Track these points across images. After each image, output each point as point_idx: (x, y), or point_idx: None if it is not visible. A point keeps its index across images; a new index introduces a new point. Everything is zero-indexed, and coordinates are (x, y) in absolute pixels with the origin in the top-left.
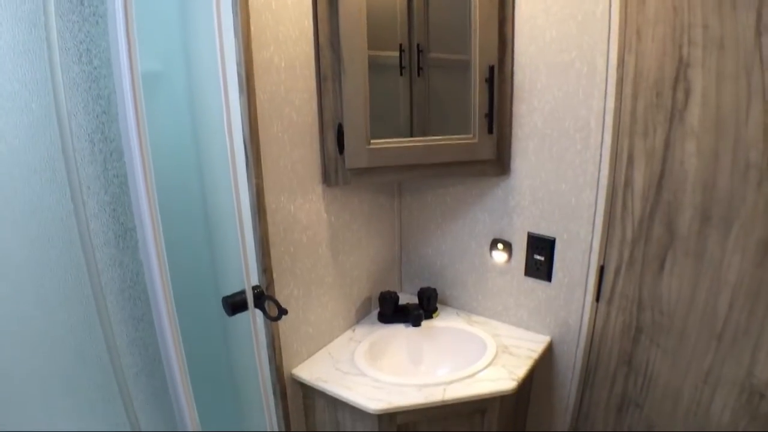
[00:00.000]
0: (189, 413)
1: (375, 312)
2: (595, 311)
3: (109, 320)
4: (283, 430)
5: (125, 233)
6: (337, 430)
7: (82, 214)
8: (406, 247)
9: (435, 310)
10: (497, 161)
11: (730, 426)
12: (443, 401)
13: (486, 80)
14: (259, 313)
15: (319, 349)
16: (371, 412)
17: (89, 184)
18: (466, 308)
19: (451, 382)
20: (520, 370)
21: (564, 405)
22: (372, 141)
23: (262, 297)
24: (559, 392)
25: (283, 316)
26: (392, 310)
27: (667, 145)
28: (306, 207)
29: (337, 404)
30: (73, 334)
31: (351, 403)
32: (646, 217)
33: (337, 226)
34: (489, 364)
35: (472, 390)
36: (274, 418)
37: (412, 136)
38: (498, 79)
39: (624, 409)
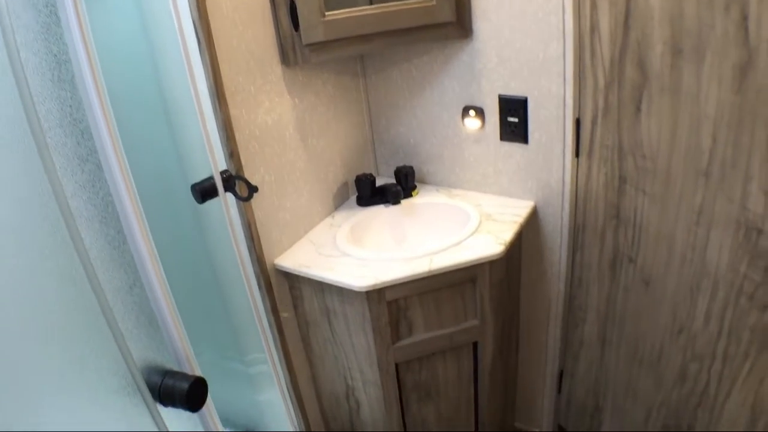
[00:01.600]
0: (170, 315)
1: (353, 197)
2: (577, 167)
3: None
4: (273, 323)
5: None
6: (328, 318)
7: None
8: (377, 128)
9: (414, 188)
10: (458, 23)
11: (729, 269)
12: (430, 271)
13: None
14: (232, 201)
15: (300, 237)
16: (358, 290)
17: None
18: (445, 183)
19: (436, 252)
20: (506, 235)
21: (556, 270)
22: (327, 13)
23: (231, 179)
24: (549, 257)
25: (258, 202)
26: (370, 192)
27: None
28: (267, 89)
29: (324, 289)
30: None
31: (337, 284)
32: (616, 61)
33: (302, 109)
34: (474, 233)
35: (459, 258)
36: (262, 312)
37: (370, 4)
38: None
39: (617, 265)
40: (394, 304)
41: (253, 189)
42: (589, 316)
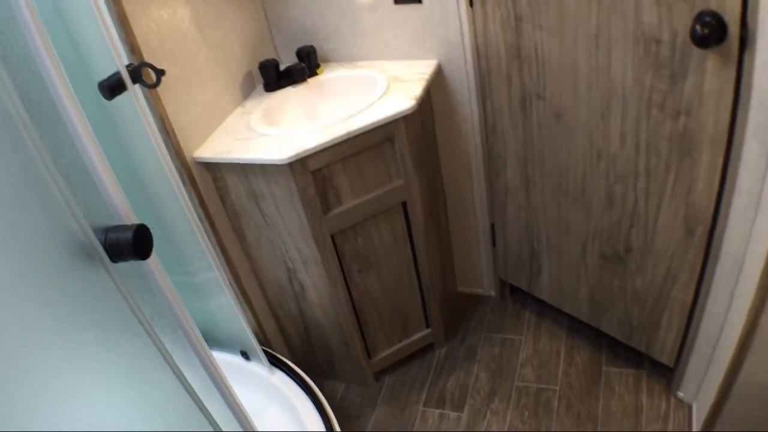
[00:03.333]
0: (102, 168)
1: (260, 85)
2: (473, 16)
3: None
4: (204, 218)
5: None
6: (256, 202)
7: None
8: (272, 14)
9: (318, 66)
10: None
11: (636, 84)
12: (348, 133)
13: None
14: (143, 99)
15: (214, 129)
16: (281, 162)
17: None
18: (348, 57)
19: (351, 116)
20: (416, 90)
21: (470, 124)
22: None
23: (137, 70)
24: (461, 112)
25: (167, 97)
26: (276, 77)
27: None
28: None
29: (247, 173)
30: None
31: (260, 162)
32: None
33: (195, 1)
34: (384, 95)
35: (374, 117)
36: (191, 208)
37: None
38: None
39: (527, 104)
40: (318, 174)
41: (160, 72)
42: (509, 162)
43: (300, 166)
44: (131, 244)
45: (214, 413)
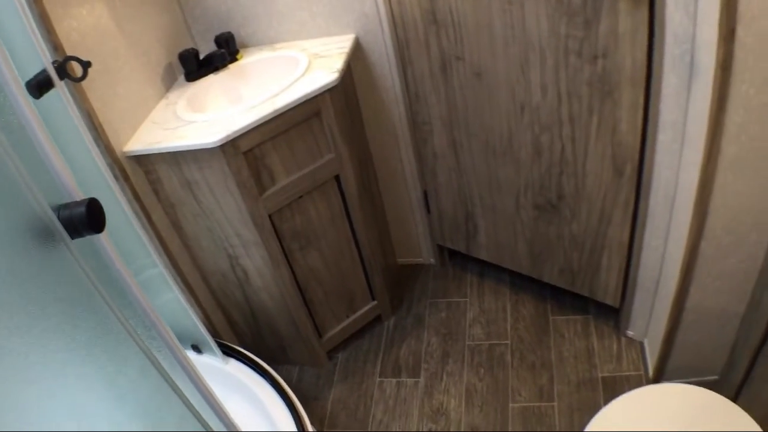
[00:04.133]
0: (48, 145)
1: (181, 76)
2: None
3: None
4: (139, 212)
5: None
6: (191, 191)
7: None
8: (187, 5)
9: (237, 52)
10: None
11: (551, 34)
12: (275, 111)
13: None
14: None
15: (141, 122)
16: (213, 146)
17: None
18: (266, 40)
19: (277, 95)
20: (337, 64)
21: (392, 94)
22: None
23: (63, 66)
24: (383, 84)
25: (93, 92)
26: (197, 66)
27: None
28: None
29: (179, 161)
30: None
31: (192, 148)
32: None
33: None
34: (306, 71)
35: (299, 93)
36: (127, 204)
37: None
38: None
39: (447, 67)
40: (250, 155)
41: (86, 64)
42: (435, 127)
43: (231, 147)
44: (85, 217)
45: (183, 389)
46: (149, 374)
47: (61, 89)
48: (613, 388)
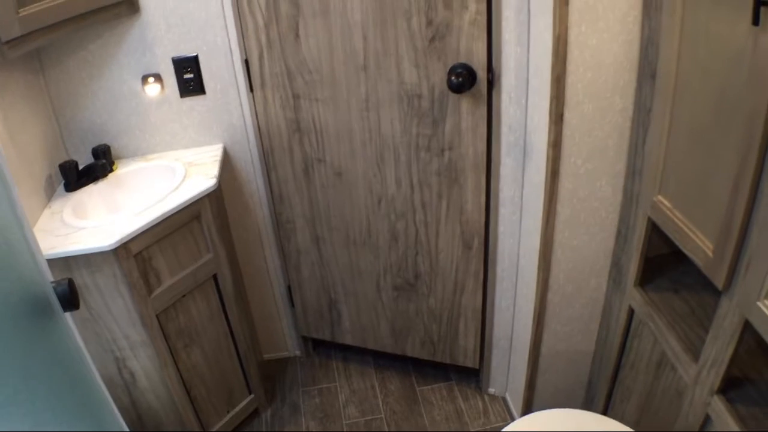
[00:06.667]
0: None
1: (60, 186)
2: (253, 100)
3: None
4: None
5: None
6: (82, 296)
7: None
8: (63, 118)
9: (113, 163)
10: (128, 2)
11: (404, 133)
12: (164, 214)
13: None
14: None
15: None
16: (107, 249)
17: None
18: (140, 152)
19: (162, 200)
20: (213, 171)
21: (257, 198)
22: (20, 9)
23: None
24: (248, 188)
25: None
26: (77, 176)
27: None
28: None
29: (71, 266)
30: None
31: (87, 252)
32: (271, 2)
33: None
34: (185, 178)
35: (183, 197)
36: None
37: None
38: None
39: (310, 169)
40: (140, 257)
41: None
42: (298, 225)
43: (124, 250)
44: (68, 294)
45: None
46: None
47: None
48: None
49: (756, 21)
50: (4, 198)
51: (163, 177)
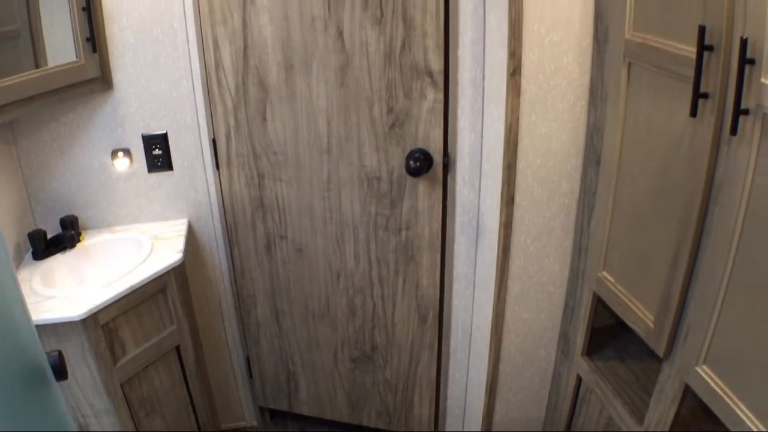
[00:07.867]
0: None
1: (28, 254)
2: (219, 178)
3: None
4: None
5: None
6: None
7: None
8: (33, 188)
9: (80, 234)
10: (102, 78)
11: (363, 213)
12: (132, 287)
13: (83, 9)
14: None
15: None
16: (78, 318)
17: None
18: (106, 223)
19: (130, 272)
20: (179, 245)
21: (219, 272)
22: None
23: None
24: (210, 262)
25: None
26: (45, 245)
27: (245, 24)
28: None
29: (40, 335)
30: None
31: (58, 321)
32: (240, 85)
33: None
34: (151, 251)
35: (150, 271)
36: None
37: (36, 67)
38: (92, 6)
39: (272, 246)
40: (107, 328)
41: None
42: (258, 298)
43: (92, 321)
44: (59, 365)
45: None
46: None
47: None
48: None
49: (694, 113)
50: (7, 272)
51: (129, 250)
